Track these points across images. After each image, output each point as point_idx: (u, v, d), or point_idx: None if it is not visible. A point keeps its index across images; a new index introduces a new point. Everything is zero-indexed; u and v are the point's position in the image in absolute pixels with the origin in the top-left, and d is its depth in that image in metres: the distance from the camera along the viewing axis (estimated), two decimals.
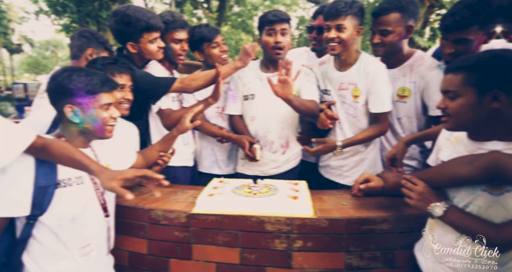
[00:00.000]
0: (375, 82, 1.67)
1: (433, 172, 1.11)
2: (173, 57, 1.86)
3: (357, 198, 1.50)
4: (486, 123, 0.97)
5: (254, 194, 1.42)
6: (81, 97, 1.15)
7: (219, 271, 1.37)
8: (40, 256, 1.11)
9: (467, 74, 0.96)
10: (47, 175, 1.10)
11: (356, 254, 1.30)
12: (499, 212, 0.94)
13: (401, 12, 1.64)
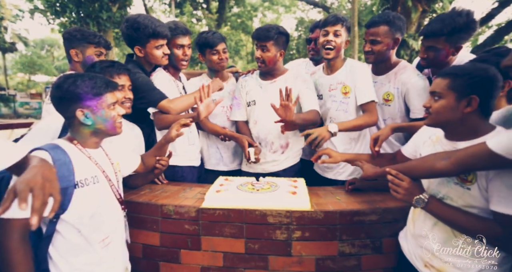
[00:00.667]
0: (359, 77, 1.89)
1: (413, 165, 1.25)
2: (176, 62, 1.99)
3: (349, 193, 1.66)
4: (459, 125, 1.13)
5: (257, 190, 1.58)
6: (90, 100, 1.20)
7: (226, 260, 1.52)
8: (65, 249, 1.16)
9: (452, 80, 1.11)
10: (65, 177, 1.13)
11: (348, 242, 1.45)
12: (467, 201, 1.10)
13: (389, 26, 1.84)
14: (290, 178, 1.81)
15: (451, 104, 1.10)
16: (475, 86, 1.07)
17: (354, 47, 9.26)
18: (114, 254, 1.31)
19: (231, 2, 18.92)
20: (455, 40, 1.67)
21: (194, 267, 1.55)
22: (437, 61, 1.76)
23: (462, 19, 1.62)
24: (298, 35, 17.11)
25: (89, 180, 1.21)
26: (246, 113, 2.08)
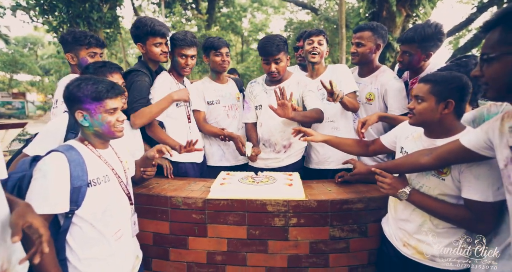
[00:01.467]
0: (341, 74, 2.16)
1: (399, 162, 1.45)
2: (179, 69, 2.15)
3: (339, 185, 1.87)
4: (437, 125, 1.33)
5: (257, 183, 1.76)
6: (89, 103, 1.26)
7: (230, 245, 1.70)
8: (81, 241, 1.26)
9: (433, 86, 1.31)
10: (79, 177, 1.22)
11: (338, 227, 1.65)
12: (442, 190, 1.30)
13: (373, 32, 2.11)
14: (286, 172, 2.00)
15: (432, 106, 1.30)
16: (452, 92, 1.27)
17: (342, 49, 9.53)
18: (125, 245, 1.41)
19: (220, 3, 19.00)
20: (426, 47, 1.94)
21: (201, 252, 1.72)
22: (411, 65, 2.03)
23: (431, 30, 1.89)
24: (287, 36, 17.31)
25: (100, 179, 1.30)
26: (256, 116, 2.27)
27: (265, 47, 2.02)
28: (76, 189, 1.21)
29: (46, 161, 1.20)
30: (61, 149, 1.23)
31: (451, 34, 11.01)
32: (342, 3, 9.63)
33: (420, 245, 1.36)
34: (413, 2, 6.96)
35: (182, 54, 2.09)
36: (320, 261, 1.67)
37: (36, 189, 1.17)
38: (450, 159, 1.22)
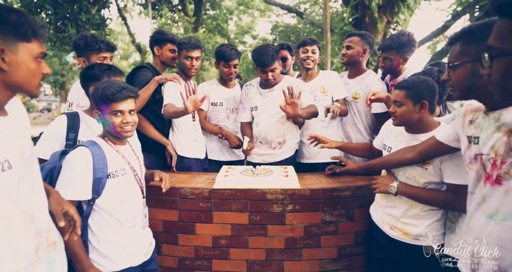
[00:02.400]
0: (333, 81, 2.47)
1: (386, 159, 1.68)
2: (185, 70, 2.35)
3: (328, 177, 2.10)
4: (416, 123, 1.57)
5: (256, 175, 1.98)
6: (100, 105, 1.43)
7: (233, 230, 1.91)
8: (101, 226, 1.43)
9: (407, 91, 1.55)
10: (100, 169, 1.38)
11: (328, 212, 1.89)
12: (426, 177, 1.53)
13: (361, 38, 2.43)
14: (281, 166, 2.23)
15: (410, 108, 1.54)
16: (424, 93, 1.51)
17: (327, 52, 9.85)
18: (139, 233, 1.58)
19: (207, 5, 19.14)
20: (403, 53, 2.26)
21: (207, 237, 1.92)
22: (391, 68, 2.34)
23: (405, 38, 2.22)
24: (274, 39, 17.60)
25: (118, 172, 1.46)
26: (251, 116, 2.48)
27: (261, 59, 2.20)
28: (97, 179, 1.38)
29: (74, 155, 1.38)
30: (87, 144, 1.41)
31: (429, 40, 11.56)
32: (326, 8, 9.96)
33: (406, 227, 1.59)
34: (393, 9, 7.34)
35: (188, 56, 2.29)
36: (313, 243, 1.90)
37: (65, 178, 1.36)
38: (430, 153, 1.46)
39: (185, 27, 16.16)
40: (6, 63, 0.93)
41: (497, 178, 1.02)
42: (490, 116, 1.10)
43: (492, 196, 1.04)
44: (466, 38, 1.14)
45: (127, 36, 22.90)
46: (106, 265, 1.41)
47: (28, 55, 0.98)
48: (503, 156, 1.00)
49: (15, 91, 1.01)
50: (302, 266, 1.91)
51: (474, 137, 1.14)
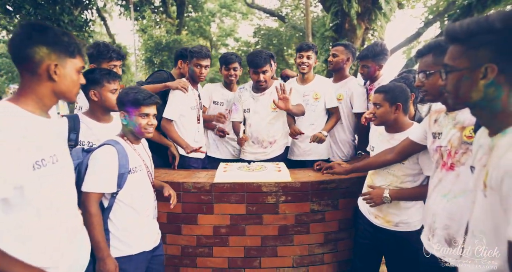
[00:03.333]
0: (327, 89, 2.68)
1: (370, 162, 1.87)
2: (195, 77, 2.54)
3: (316, 172, 2.35)
4: (393, 123, 1.82)
5: (252, 170, 2.21)
6: (128, 107, 1.59)
7: (232, 220, 2.12)
8: (120, 216, 1.58)
9: (385, 94, 1.80)
10: (124, 165, 1.54)
11: (316, 202, 2.14)
12: (404, 171, 1.75)
13: (345, 47, 2.72)
14: (274, 162, 2.47)
15: (387, 110, 1.80)
16: (398, 96, 1.77)
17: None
18: (151, 222, 1.78)
19: (189, 7, 19.19)
20: (378, 61, 2.55)
21: (208, 226, 2.13)
22: (369, 74, 2.63)
23: (378, 48, 2.51)
24: (256, 42, 17.88)
25: (137, 168, 1.63)
26: (243, 116, 2.71)
27: (255, 60, 2.46)
28: (121, 175, 1.56)
29: (100, 152, 1.54)
30: (111, 143, 1.57)
31: (404, 45, 12.20)
32: (308, 13, 10.35)
33: (388, 215, 1.82)
34: (371, 17, 7.75)
35: (198, 64, 2.46)
36: (303, 229, 2.14)
37: (93, 173, 1.52)
38: (406, 152, 1.69)
39: (168, 29, 16.12)
40: (57, 75, 1.13)
41: (451, 165, 1.29)
42: (449, 116, 1.38)
43: (446, 179, 1.32)
44: (436, 50, 1.40)
45: (106, 37, 22.53)
46: (124, 249, 1.59)
47: (72, 69, 1.19)
48: (456, 147, 1.28)
49: (60, 98, 1.21)
50: (293, 250, 2.15)
51: (438, 133, 1.42)
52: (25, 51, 1.08)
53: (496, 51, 0.86)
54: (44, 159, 1.10)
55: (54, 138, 1.20)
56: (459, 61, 0.95)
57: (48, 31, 1.11)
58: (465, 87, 0.93)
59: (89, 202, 1.47)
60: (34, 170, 1.05)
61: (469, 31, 0.91)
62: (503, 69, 0.86)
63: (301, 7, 17.43)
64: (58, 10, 9.55)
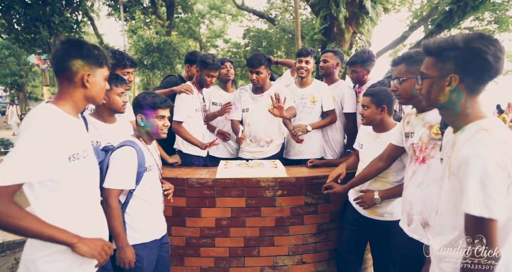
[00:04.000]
0: (325, 93, 2.86)
1: (364, 174, 2.00)
2: (204, 85, 2.71)
3: (310, 168, 2.56)
4: (379, 123, 2.03)
5: (251, 167, 2.40)
6: (147, 109, 1.75)
7: (233, 212, 2.30)
8: (135, 209, 1.74)
9: (372, 97, 2.02)
10: (141, 164, 1.69)
11: (310, 196, 2.34)
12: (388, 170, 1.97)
13: (334, 54, 2.93)
14: (270, 160, 2.66)
15: (374, 111, 2.01)
16: (383, 99, 1.98)
17: None
18: (161, 214, 1.96)
19: (178, 8, 19.24)
20: (366, 66, 2.77)
21: (211, 219, 2.31)
22: (358, 78, 2.85)
23: (366, 55, 2.73)
24: (246, 43, 18.04)
25: (151, 166, 1.79)
26: (241, 115, 2.89)
27: (251, 60, 2.69)
28: (139, 173, 1.72)
29: (121, 152, 1.68)
30: (130, 143, 1.72)
31: (391, 48, 12.60)
32: (297, 16, 10.59)
33: (374, 207, 2.02)
34: (358, 21, 8.04)
35: (210, 75, 2.63)
36: (298, 221, 2.34)
37: (114, 171, 1.66)
38: (392, 156, 1.87)
39: (158, 31, 16.14)
40: (89, 83, 1.33)
41: (422, 159, 1.52)
42: (419, 117, 1.61)
43: (419, 171, 1.54)
44: (408, 60, 1.64)
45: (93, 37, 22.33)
46: (139, 237, 1.76)
47: (101, 77, 1.39)
48: (426, 143, 1.51)
49: (89, 102, 1.41)
50: (289, 240, 2.35)
51: (411, 132, 1.65)
52: (64, 64, 1.29)
53: (458, 65, 1.08)
54: (78, 153, 1.29)
55: (84, 136, 1.38)
56: (431, 71, 1.16)
57: (83, 46, 1.33)
58: (435, 92, 1.15)
59: (111, 198, 1.62)
60: (70, 162, 1.25)
61: (440, 47, 1.12)
62: (463, 79, 1.07)
63: (290, 10, 17.72)
64: (48, 11, 9.52)
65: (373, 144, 2.07)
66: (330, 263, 2.44)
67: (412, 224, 1.59)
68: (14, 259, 3.08)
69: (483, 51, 1.02)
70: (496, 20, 12.14)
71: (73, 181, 1.28)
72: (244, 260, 2.33)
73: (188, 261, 2.34)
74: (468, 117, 1.09)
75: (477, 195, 0.93)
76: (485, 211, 0.91)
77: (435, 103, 1.17)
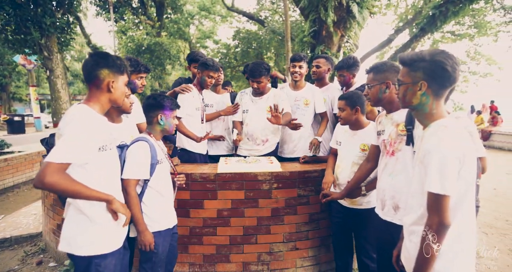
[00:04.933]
0: (318, 96, 3.09)
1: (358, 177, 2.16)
2: (204, 85, 2.94)
3: (302, 164, 2.81)
4: (355, 122, 2.31)
5: (249, 162, 2.63)
6: (167, 110, 1.99)
7: (233, 204, 2.53)
8: (150, 198, 1.91)
9: (346, 100, 2.28)
10: (154, 157, 1.88)
11: (302, 188, 2.59)
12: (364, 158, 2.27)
13: (326, 59, 3.19)
14: (266, 156, 2.90)
15: (349, 112, 2.27)
16: (356, 102, 2.24)
17: (288, 60, 10.76)
18: (172, 206, 2.13)
19: (168, 9, 19.31)
20: (351, 71, 3.03)
21: (213, 210, 2.53)
22: (345, 82, 3.09)
23: (352, 60, 2.99)
24: (236, 44, 18.24)
25: (162, 159, 1.97)
26: (241, 116, 3.13)
27: (252, 71, 2.88)
28: (152, 165, 1.92)
29: (136, 146, 1.89)
30: (143, 139, 1.93)
31: (377, 50, 13.03)
32: (287, 19, 10.87)
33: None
34: (346, 25, 8.37)
35: (210, 76, 2.86)
36: (291, 211, 2.59)
37: (131, 164, 1.86)
38: (377, 154, 2.03)
39: (148, 31, 16.21)
40: (113, 88, 1.58)
41: (392, 152, 1.79)
42: (388, 116, 1.89)
43: (389, 163, 1.81)
44: (375, 70, 1.92)
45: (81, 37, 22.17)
46: (154, 226, 1.95)
47: (122, 83, 1.65)
48: (394, 139, 1.78)
49: (112, 104, 1.66)
50: (283, 228, 2.59)
51: (382, 130, 1.92)
52: (94, 73, 1.55)
53: (426, 73, 1.34)
54: (106, 145, 1.56)
55: (108, 132, 1.60)
56: (405, 78, 1.42)
57: (108, 57, 1.59)
58: (409, 95, 1.40)
59: (129, 187, 1.83)
60: (99, 152, 1.52)
61: (411, 59, 1.38)
62: (430, 85, 1.33)
63: (280, 12, 18.01)
64: (40, 12, 9.55)
65: (351, 140, 2.33)
66: (321, 249, 2.69)
67: (385, 208, 1.86)
68: (24, 252, 3.24)
69: (444, 63, 1.29)
70: (476, 24, 12.72)
71: (100, 169, 1.55)
72: (243, 247, 2.57)
73: (192, 248, 2.56)
74: (433, 116, 1.35)
75: (436, 177, 1.19)
76: (441, 189, 1.17)
77: (409, 104, 1.43)
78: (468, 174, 1.22)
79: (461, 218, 1.26)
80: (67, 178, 1.42)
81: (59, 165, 1.37)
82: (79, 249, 1.52)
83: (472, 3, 8.85)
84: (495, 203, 5.14)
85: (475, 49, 16.26)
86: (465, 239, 1.27)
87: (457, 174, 1.20)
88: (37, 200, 5.17)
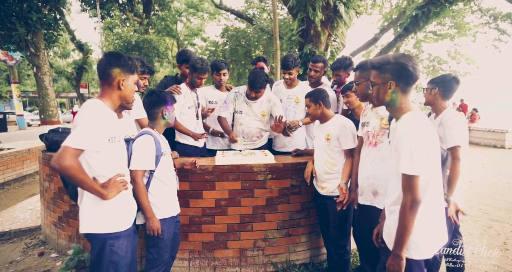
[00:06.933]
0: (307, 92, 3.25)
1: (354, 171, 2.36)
2: (195, 85, 3.08)
3: (294, 157, 3.00)
4: (321, 116, 2.47)
5: (245, 155, 2.81)
6: (169, 105, 2.15)
7: (230, 194, 2.70)
8: (156, 188, 2.05)
9: (309, 97, 2.46)
10: (158, 149, 2.02)
11: (295, 179, 2.78)
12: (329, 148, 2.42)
13: (324, 63, 3.33)
14: (260, 149, 3.09)
15: (314, 107, 2.46)
16: (318, 97, 2.42)
17: (277, 58, 10.93)
18: (175, 196, 2.28)
19: (155, 6, 19.17)
20: (347, 71, 3.22)
21: (211, 200, 2.69)
22: (340, 81, 3.28)
23: (348, 61, 3.19)
24: (225, 42, 18.25)
25: (165, 152, 2.12)
26: (230, 115, 3.28)
27: (253, 83, 2.99)
28: (157, 156, 2.06)
29: (142, 139, 2.03)
30: (147, 132, 2.07)
31: (363, 49, 13.39)
32: (275, 17, 11.04)
33: (327, 185, 2.48)
34: (333, 24, 8.61)
35: (200, 77, 3.00)
36: (285, 200, 2.78)
37: (138, 155, 2.00)
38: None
39: (136, 29, 16.09)
40: (123, 86, 1.74)
41: (375, 143, 2.01)
42: (373, 110, 2.10)
43: (371, 153, 2.03)
44: (361, 68, 2.14)
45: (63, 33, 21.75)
46: (160, 214, 2.10)
47: (131, 81, 1.80)
48: (378, 131, 2.00)
49: (121, 100, 1.80)
50: (277, 216, 2.78)
51: (366, 122, 2.14)
52: (107, 71, 1.70)
53: (392, 74, 1.56)
54: (115, 137, 1.71)
55: (117, 126, 1.75)
56: (377, 79, 1.63)
57: (121, 58, 1.74)
58: (381, 94, 1.61)
59: (137, 177, 1.97)
60: (109, 143, 1.67)
61: (380, 63, 1.60)
62: (398, 83, 1.55)
63: (268, 10, 18.15)
64: (26, 8, 9.41)
65: (319, 132, 2.53)
66: (312, 235, 2.90)
67: (364, 194, 2.08)
68: (25, 244, 3.32)
69: (406, 64, 1.52)
70: (456, 25, 13.23)
71: (111, 159, 1.70)
72: (240, 234, 2.75)
73: (192, 236, 2.72)
74: (403, 110, 1.57)
75: (407, 161, 1.40)
76: (412, 170, 1.39)
77: (383, 101, 1.63)
78: (432, 160, 1.45)
79: (430, 196, 1.48)
80: (79, 166, 1.54)
81: (74, 150, 1.50)
82: (97, 228, 1.68)
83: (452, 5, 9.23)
84: (470, 193, 5.49)
85: (456, 49, 16.91)
86: (434, 213, 1.50)
87: (425, 158, 1.41)
88: (29, 197, 5.21)
